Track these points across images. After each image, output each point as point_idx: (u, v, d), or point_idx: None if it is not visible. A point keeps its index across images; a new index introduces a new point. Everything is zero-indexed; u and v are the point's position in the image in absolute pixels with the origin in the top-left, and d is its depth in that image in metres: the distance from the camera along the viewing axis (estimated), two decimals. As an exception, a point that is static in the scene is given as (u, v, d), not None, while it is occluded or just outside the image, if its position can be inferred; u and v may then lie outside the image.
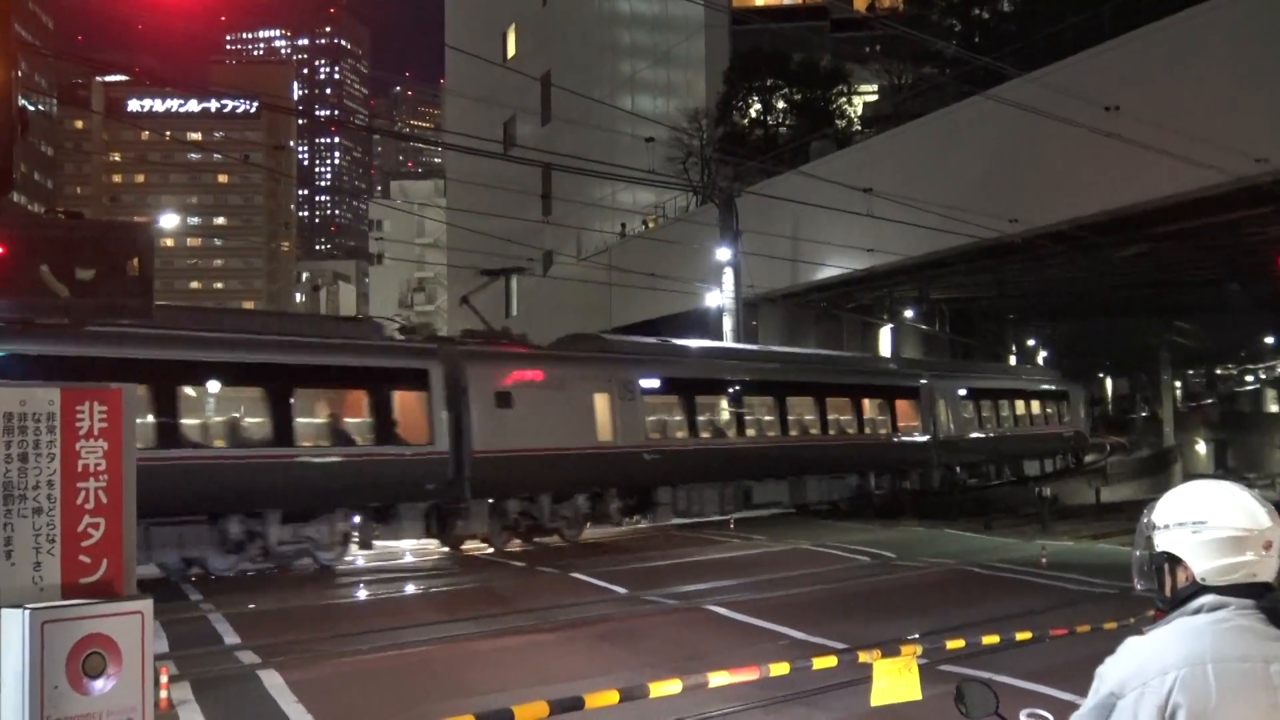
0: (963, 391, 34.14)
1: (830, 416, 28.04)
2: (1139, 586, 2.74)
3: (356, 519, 18.52)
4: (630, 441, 22.36)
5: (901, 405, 30.82)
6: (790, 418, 27.05)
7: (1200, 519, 2.57)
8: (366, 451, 18.50)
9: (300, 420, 18.14)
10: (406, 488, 18.78)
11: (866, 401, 29.55)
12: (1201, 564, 2.56)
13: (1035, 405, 38.95)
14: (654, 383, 23.56)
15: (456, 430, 19.27)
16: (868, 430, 29.32)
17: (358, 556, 19.50)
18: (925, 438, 31.32)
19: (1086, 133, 22.25)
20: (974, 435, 34.08)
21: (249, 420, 17.82)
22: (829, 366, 30.30)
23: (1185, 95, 23.47)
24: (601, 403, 22.02)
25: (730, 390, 25.77)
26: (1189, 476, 25.35)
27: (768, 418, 26.52)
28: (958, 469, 33.65)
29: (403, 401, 19.15)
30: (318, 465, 18.12)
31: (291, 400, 17.83)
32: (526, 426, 20.22)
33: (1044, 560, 17.82)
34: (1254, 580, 2.54)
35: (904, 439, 30.60)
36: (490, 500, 20.09)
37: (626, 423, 22.35)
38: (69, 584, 4.67)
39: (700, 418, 24.69)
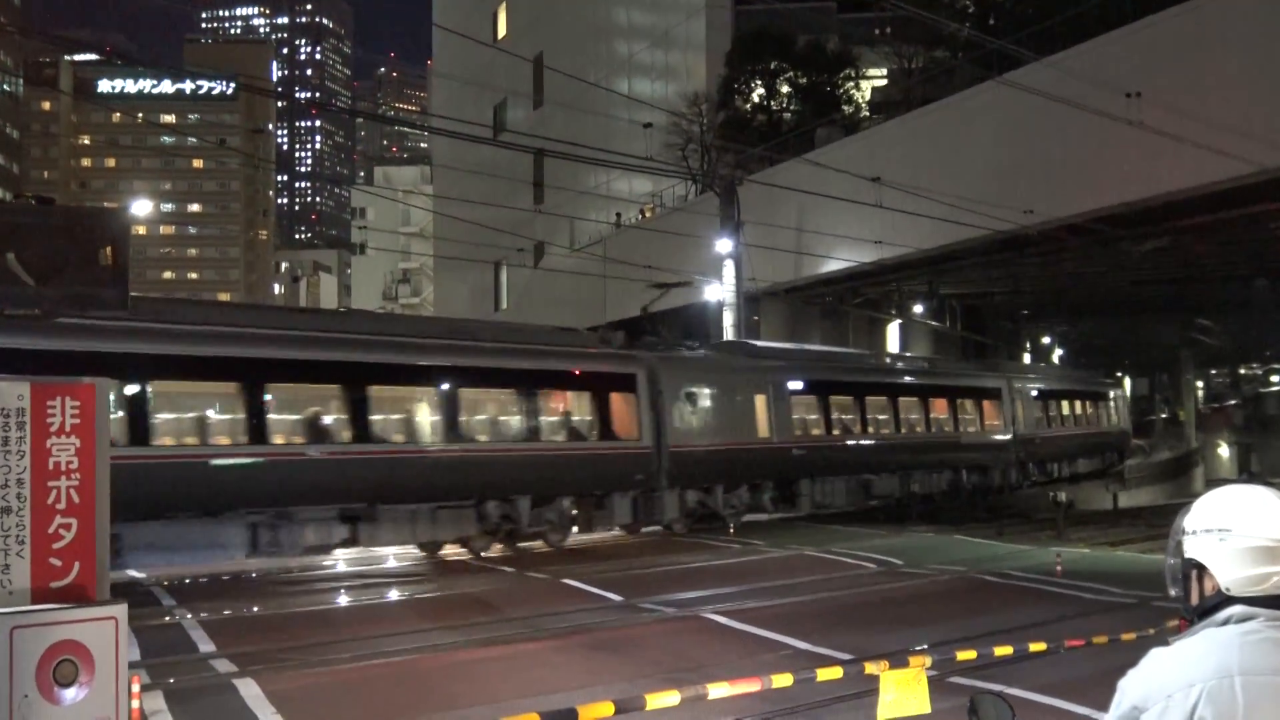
0: (1034, 392, 37.05)
1: (933, 415, 31.28)
2: (1172, 593, 2.64)
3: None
4: (782, 438, 25.34)
5: (988, 405, 33.92)
6: (901, 417, 29.99)
7: (1226, 526, 2.50)
8: (592, 446, 21.64)
9: (545, 419, 21.31)
10: (620, 478, 21.88)
11: (962, 402, 32.74)
12: (1226, 574, 2.48)
13: (1090, 405, 42.00)
14: (797, 385, 26.50)
15: (656, 428, 22.36)
16: (963, 429, 32.50)
17: (339, 561, 19.28)
18: (1008, 436, 34.39)
19: (1107, 120, 22.06)
20: (1044, 434, 36.93)
21: (507, 418, 20.85)
22: (931, 369, 33.87)
23: (1211, 82, 23.06)
24: (760, 403, 25.07)
25: (856, 391, 28.68)
26: (1211, 481, 25.00)
27: (883, 416, 29.38)
28: (1029, 466, 36.30)
29: (617, 403, 22.26)
30: (558, 458, 21.12)
31: (539, 401, 21.16)
32: (707, 424, 23.61)
33: (1059, 568, 17.49)
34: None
35: (992, 437, 33.80)
36: (678, 490, 23.11)
37: (780, 421, 25.34)
38: (39, 588, 4.54)
39: (833, 416, 27.53)
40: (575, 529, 21.70)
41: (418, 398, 19.57)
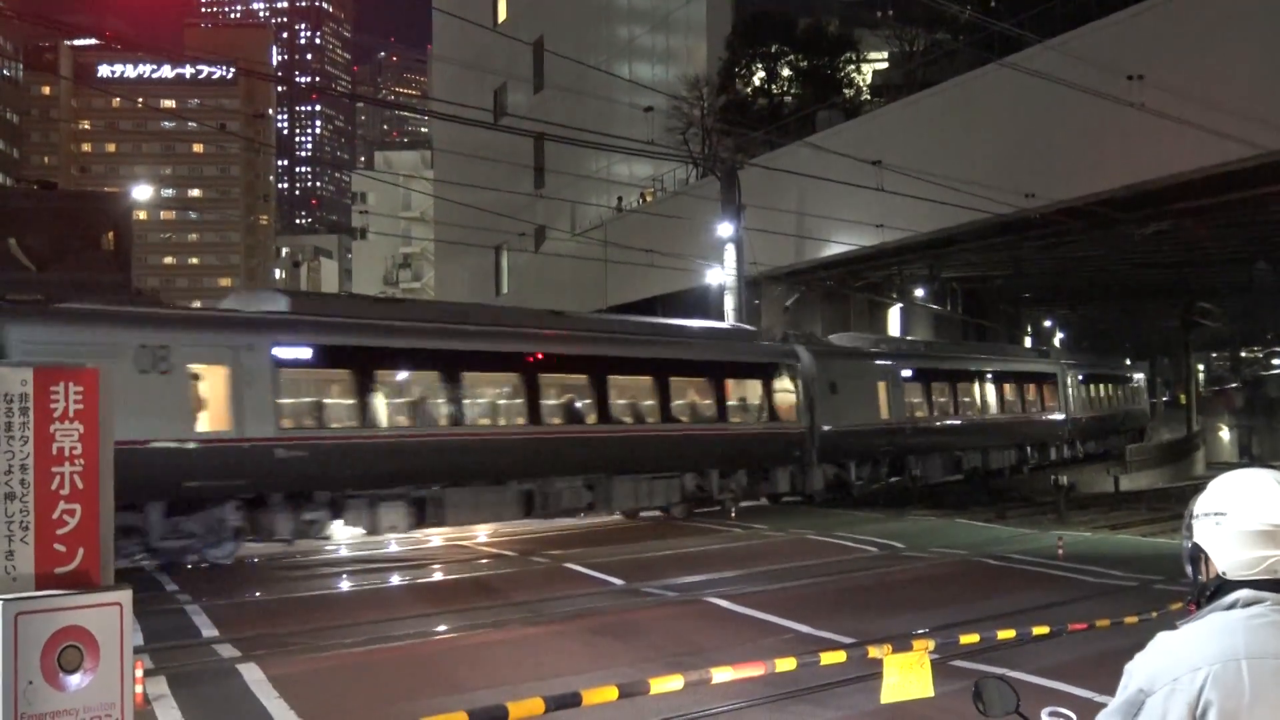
0: (1081, 376, 41.76)
1: (1008, 399, 35.83)
2: (1191, 575, 2.65)
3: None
4: (898, 419, 29.37)
5: (1048, 389, 38.49)
6: (985, 400, 34.48)
7: (1222, 510, 2.53)
8: (765, 427, 25.53)
9: (731, 404, 24.93)
10: (783, 454, 25.66)
11: (1029, 386, 37.39)
12: (1223, 557, 2.51)
13: (1120, 388, 46.97)
14: (907, 373, 30.56)
15: (810, 411, 26.11)
16: (1031, 410, 37.23)
17: (340, 546, 19.21)
18: (1063, 416, 39.04)
19: (1108, 103, 21.96)
20: (1088, 414, 41.81)
21: (704, 403, 24.50)
22: (1005, 357, 38.61)
23: (1213, 64, 22.88)
24: (882, 389, 29.02)
25: (949, 378, 32.83)
26: (1212, 464, 25.01)
27: (968, 400, 33.70)
28: (1076, 442, 40.71)
29: (782, 390, 25.99)
30: (742, 437, 25.00)
31: (727, 389, 24.87)
32: (846, 408, 27.30)
33: (1061, 551, 17.56)
34: (1277, 576, 2.46)
35: (1052, 417, 38.36)
36: (823, 465, 26.76)
37: (895, 405, 29.30)
38: (43, 574, 4.49)
39: (933, 400, 31.69)
40: (744, 499, 25.32)
41: (643, 386, 23.37)
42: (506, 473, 20.06)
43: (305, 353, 17.81)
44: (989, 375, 34.64)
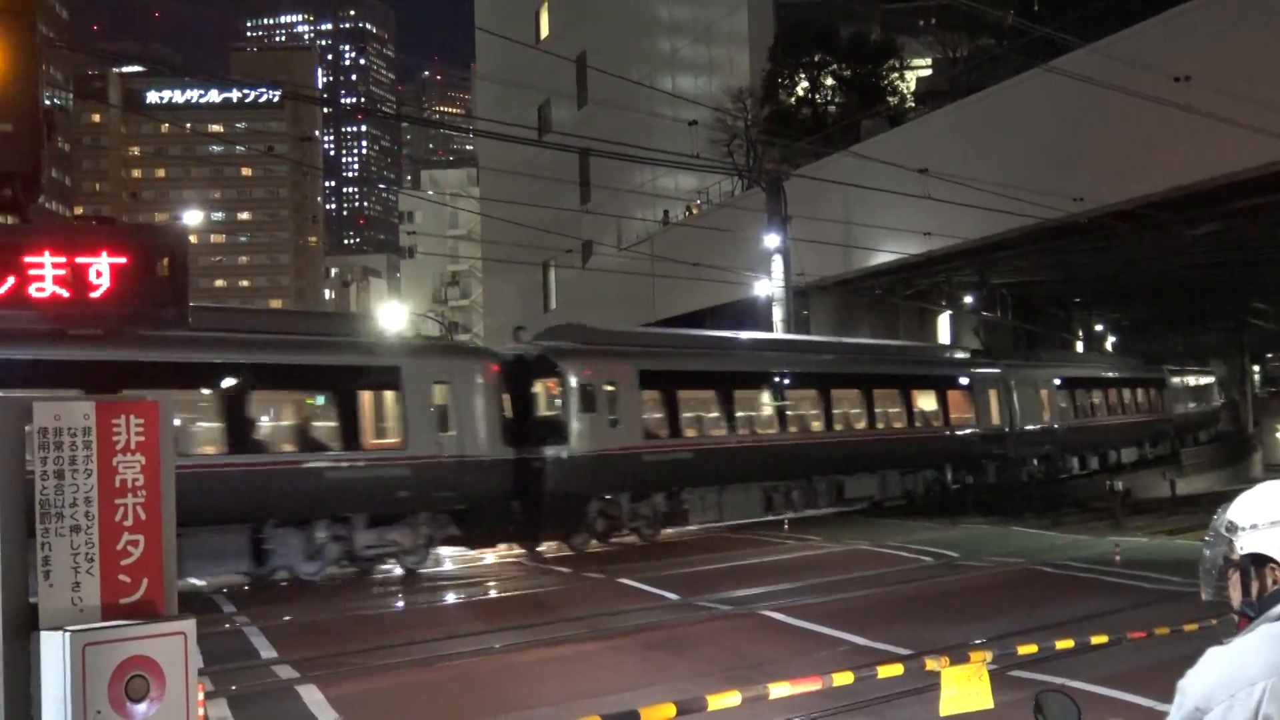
0: (1206, 380, 55.98)
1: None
2: (1205, 596, 2.64)
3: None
4: (1172, 413, 45.19)
5: (1206, 389, 53.86)
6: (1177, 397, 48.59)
7: None
8: (1149, 417, 41.33)
9: (1123, 403, 39.88)
10: (1157, 435, 42.01)
11: (1202, 386, 53.27)
12: None
13: (1212, 390, 57.37)
14: (1176, 380, 47.79)
15: (1171, 408, 43.80)
16: (1199, 406, 51.96)
17: (395, 565, 19.06)
18: (1212, 407, 55.07)
19: (1155, 105, 21.67)
20: (1212, 406, 55.96)
21: (1110, 405, 39.36)
22: (1192, 369, 53.74)
23: (1259, 62, 22.65)
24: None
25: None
26: (1270, 466, 24.32)
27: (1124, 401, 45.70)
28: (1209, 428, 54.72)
29: (1159, 394, 42.66)
30: (1138, 425, 40.46)
31: (1122, 394, 39.99)
32: (1175, 404, 45.23)
33: (1118, 558, 17.39)
34: None
35: (1206, 408, 53.32)
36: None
37: (1166, 403, 44.21)
38: (109, 604, 4.53)
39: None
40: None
41: (1086, 396, 37.01)
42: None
43: (1012, 382, 31.70)
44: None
